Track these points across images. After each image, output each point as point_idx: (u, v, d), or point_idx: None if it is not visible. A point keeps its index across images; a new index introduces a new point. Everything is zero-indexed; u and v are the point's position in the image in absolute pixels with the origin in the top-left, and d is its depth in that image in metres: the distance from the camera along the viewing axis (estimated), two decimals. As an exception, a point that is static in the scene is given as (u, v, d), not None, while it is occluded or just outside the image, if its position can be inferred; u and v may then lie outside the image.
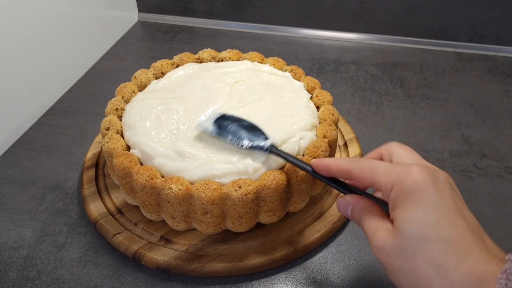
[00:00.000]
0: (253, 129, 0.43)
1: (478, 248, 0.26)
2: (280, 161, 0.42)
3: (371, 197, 0.33)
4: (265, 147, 0.40)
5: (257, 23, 0.90)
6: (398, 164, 0.30)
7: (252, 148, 0.41)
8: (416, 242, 0.27)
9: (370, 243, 0.30)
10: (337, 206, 0.35)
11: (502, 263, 0.25)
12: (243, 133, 0.42)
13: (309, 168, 0.37)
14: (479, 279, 0.25)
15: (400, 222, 0.28)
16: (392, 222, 0.29)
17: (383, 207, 0.31)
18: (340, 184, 0.35)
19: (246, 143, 0.41)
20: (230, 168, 0.41)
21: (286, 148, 0.43)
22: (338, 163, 0.33)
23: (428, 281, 0.26)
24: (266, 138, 0.41)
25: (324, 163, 0.34)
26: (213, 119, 0.44)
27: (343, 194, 0.35)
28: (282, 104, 0.49)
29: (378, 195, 0.35)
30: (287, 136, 0.44)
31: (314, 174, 0.36)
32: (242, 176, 0.41)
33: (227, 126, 0.43)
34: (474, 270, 0.25)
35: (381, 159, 0.35)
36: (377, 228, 0.30)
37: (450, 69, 0.78)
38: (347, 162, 0.33)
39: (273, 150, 0.40)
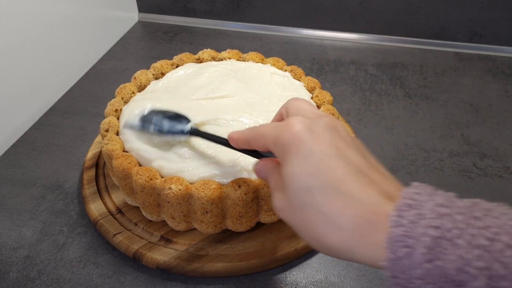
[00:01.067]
0: (177, 117, 0.43)
1: (364, 189, 0.25)
2: None
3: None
4: (185, 130, 0.42)
5: (257, 23, 0.90)
6: (279, 122, 0.30)
7: (174, 133, 0.42)
8: (301, 194, 0.26)
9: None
10: (254, 171, 0.34)
11: (393, 201, 0.24)
12: (166, 122, 0.43)
13: (225, 142, 0.37)
14: (369, 220, 0.24)
15: (285, 178, 0.28)
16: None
17: None
18: (255, 152, 0.35)
19: (166, 129, 0.42)
20: (230, 168, 0.41)
21: None
22: (240, 135, 0.34)
23: (320, 231, 0.26)
24: (187, 122, 0.43)
25: (232, 137, 0.35)
26: (140, 115, 0.45)
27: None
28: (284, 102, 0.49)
29: None
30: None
31: (231, 147, 0.36)
32: (242, 175, 0.41)
33: (151, 119, 0.44)
34: (361, 212, 0.24)
35: (282, 119, 0.34)
36: (275, 189, 0.30)
37: (450, 69, 0.78)
38: (246, 132, 0.33)
39: (193, 132, 0.42)
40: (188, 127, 0.42)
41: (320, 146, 0.27)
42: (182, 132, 0.42)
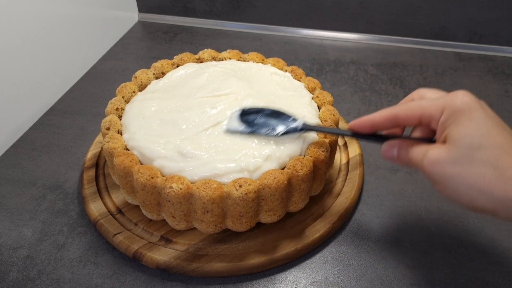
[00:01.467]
0: (278, 115, 0.44)
1: None
2: (282, 159, 0.42)
3: (412, 138, 0.36)
4: (299, 128, 0.42)
5: (257, 23, 0.90)
6: (440, 96, 0.35)
7: (287, 133, 0.43)
8: (472, 149, 0.31)
9: (421, 163, 0.33)
10: (382, 150, 0.37)
11: None
12: (273, 121, 0.43)
13: (348, 133, 0.39)
14: None
15: (454, 136, 0.32)
16: (442, 142, 0.33)
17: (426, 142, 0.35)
18: (380, 137, 0.38)
19: (280, 129, 0.43)
20: (231, 167, 0.41)
21: (289, 147, 0.43)
22: (381, 114, 0.36)
23: (486, 181, 0.30)
24: (294, 120, 0.43)
25: (365, 121, 0.37)
26: (236, 118, 0.45)
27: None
28: (286, 102, 0.49)
29: (415, 134, 0.37)
30: (291, 135, 0.44)
31: (355, 136, 0.38)
32: (243, 174, 0.41)
33: (254, 120, 0.44)
34: None
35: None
36: (427, 149, 0.33)
37: (450, 69, 0.78)
38: (389, 109, 0.36)
39: (306, 128, 0.43)
40: (300, 124, 0.43)
41: (490, 117, 0.32)
42: (295, 130, 0.42)
